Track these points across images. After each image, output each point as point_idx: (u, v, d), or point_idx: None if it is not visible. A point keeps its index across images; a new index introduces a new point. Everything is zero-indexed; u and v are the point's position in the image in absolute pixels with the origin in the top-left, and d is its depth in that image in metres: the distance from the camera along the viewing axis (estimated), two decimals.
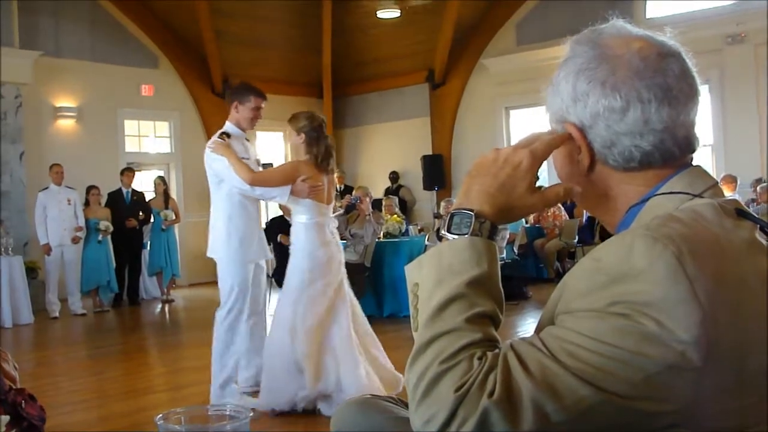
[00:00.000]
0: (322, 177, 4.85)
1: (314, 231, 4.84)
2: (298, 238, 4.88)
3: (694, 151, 1.21)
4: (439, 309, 1.08)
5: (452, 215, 1.15)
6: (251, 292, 4.99)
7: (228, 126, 5.06)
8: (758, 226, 1.13)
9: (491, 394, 0.98)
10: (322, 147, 4.85)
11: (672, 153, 1.17)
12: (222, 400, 4.77)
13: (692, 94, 1.18)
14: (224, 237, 4.91)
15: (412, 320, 1.13)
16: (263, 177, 4.87)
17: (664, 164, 1.18)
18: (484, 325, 1.07)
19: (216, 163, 4.88)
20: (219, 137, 4.95)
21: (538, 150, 1.17)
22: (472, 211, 1.13)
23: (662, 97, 1.14)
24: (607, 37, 1.20)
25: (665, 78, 1.15)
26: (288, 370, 4.73)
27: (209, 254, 5.11)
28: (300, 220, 4.88)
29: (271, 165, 5.39)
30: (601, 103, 1.16)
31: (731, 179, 10.34)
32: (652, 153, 1.16)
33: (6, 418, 1.96)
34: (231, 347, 4.89)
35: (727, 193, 9.03)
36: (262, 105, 5.05)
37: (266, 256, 5.34)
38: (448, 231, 1.13)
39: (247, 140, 5.25)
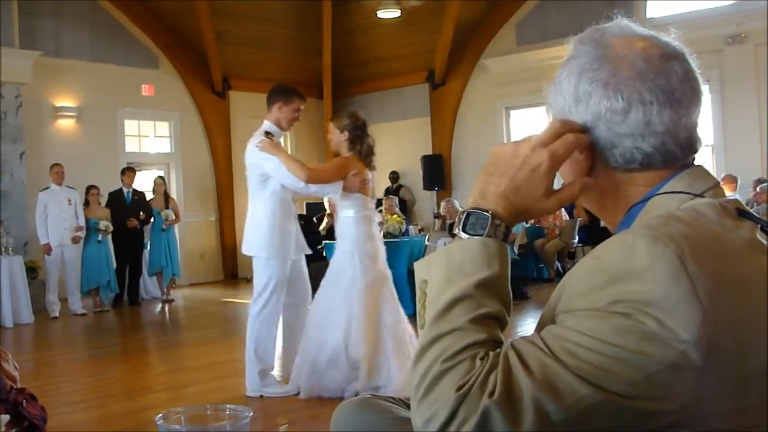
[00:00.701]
0: (367, 171, 4.99)
1: (363, 225, 4.98)
2: (348, 233, 4.98)
3: (696, 152, 1.21)
4: (446, 308, 1.08)
5: (468, 214, 1.14)
6: (292, 286, 5.14)
7: (268, 125, 5.12)
8: (759, 225, 1.13)
9: (492, 393, 0.98)
10: (365, 144, 5.00)
11: (674, 154, 1.17)
12: (263, 389, 5.02)
13: (695, 97, 1.17)
14: (267, 235, 5.00)
15: (418, 317, 1.13)
16: (319, 174, 4.95)
17: (666, 165, 1.18)
18: (489, 326, 1.08)
19: (266, 162, 4.93)
20: (265, 136, 5.00)
21: (558, 151, 1.14)
22: (488, 212, 1.13)
23: (664, 100, 1.14)
24: (611, 37, 1.19)
25: (668, 80, 1.14)
26: (338, 364, 4.85)
27: (246, 252, 5.19)
28: (348, 215, 4.99)
29: None
30: (603, 104, 1.16)
31: (732, 179, 10.33)
32: (653, 155, 1.16)
33: (6, 417, 1.96)
34: (269, 339, 5.05)
35: (728, 193, 9.04)
36: (302, 107, 5.17)
37: (306, 251, 5.40)
38: (463, 230, 1.13)
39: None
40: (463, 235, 1.13)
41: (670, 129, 1.15)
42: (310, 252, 5.66)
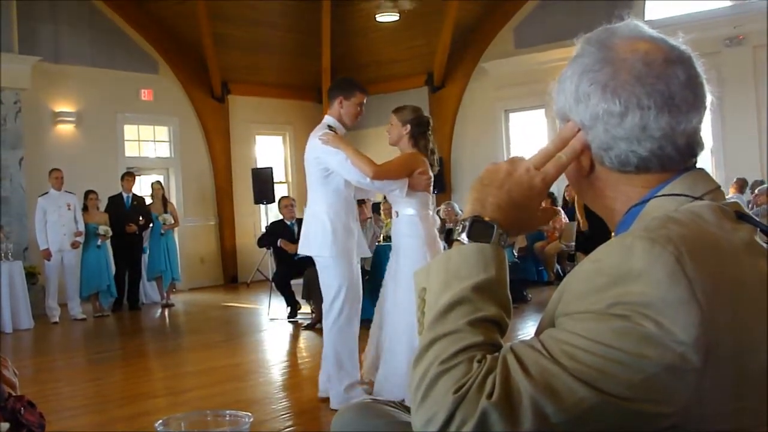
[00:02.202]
0: (430, 169, 4.77)
1: (428, 223, 4.75)
2: (416, 231, 4.69)
3: (696, 156, 1.21)
4: (443, 312, 1.09)
5: (473, 222, 1.16)
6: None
7: (331, 120, 4.86)
8: (758, 228, 1.13)
9: (490, 395, 0.98)
10: (428, 141, 4.80)
11: (671, 159, 1.17)
12: (350, 398, 4.60)
13: (696, 103, 1.18)
14: (330, 234, 4.71)
15: (418, 324, 1.14)
16: (386, 169, 4.69)
17: (663, 169, 1.18)
18: (487, 330, 1.08)
19: (330, 157, 4.65)
20: (328, 130, 4.75)
21: (549, 175, 1.19)
22: (495, 222, 1.15)
23: (662, 105, 1.14)
24: (617, 39, 1.20)
25: (668, 85, 1.15)
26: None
27: (308, 252, 4.90)
28: (409, 213, 4.73)
29: (270, 168, 5.27)
30: (601, 106, 1.16)
31: (742, 182, 10.39)
32: (650, 159, 1.17)
33: (6, 425, 1.96)
34: (350, 349, 4.75)
35: (732, 196, 9.00)
36: (365, 101, 4.92)
37: (366, 254, 5.21)
38: (469, 237, 1.15)
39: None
40: (466, 240, 1.14)
41: (667, 134, 1.15)
42: (370, 255, 5.37)
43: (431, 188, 4.79)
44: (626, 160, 1.18)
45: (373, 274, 8.67)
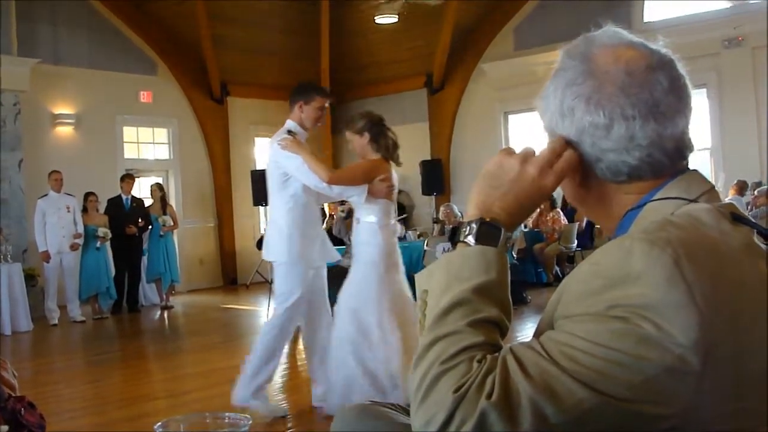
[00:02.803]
0: (394, 175, 4.75)
1: (387, 233, 4.69)
2: (373, 240, 4.64)
3: (686, 158, 1.21)
4: (444, 313, 1.09)
5: (481, 224, 1.16)
6: (311, 296, 4.82)
7: (291, 125, 4.85)
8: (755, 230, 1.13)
9: (489, 395, 0.99)
10: (389, 139, 4.76)
11: (661, 165, 1.18)
12: (252, 402, 4.64)
13: (681, 106, 1.18)
14: (286, 240, 4.69)
15: (419, 326, 1.15)
16: (344, 175, 4.73)
17: (655, 175, 1.19)
18: (487, 330, 1.09)
19: (288, 161, 4.64)
20: (287, 134, 4.74)
21: (562, 173, 1.19)
22: (502, 227, 1.16)
23: (647, 113, 1.14)
24: (597, 50, 1.20)
25: (651, 93, 1.15)
26: (378, 380, 4.52)
27: (267, 257, 4.93)
28: (370, 221, 4.67)
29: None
30: (586, 119, 1.17)
31: (742, 184, 10.40)
32: (640, 167, 1.17)
33: (5, 428, 1.96)
34: (278, 352, 4.77)
35: (731, 198, 8.95)
36: (327, 104, 4.92)
37: (332, 258, 5.14)
38: (476, 240, 1.15)
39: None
40: (472, 243, 1.15)
41: (654, 141, 1.16)
42: (338, 258, 5.35)
43: (394, 197, 4.77)
44: (617, 170, 1.18)
45: None
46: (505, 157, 1.21)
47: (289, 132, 4.78)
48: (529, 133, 13.57)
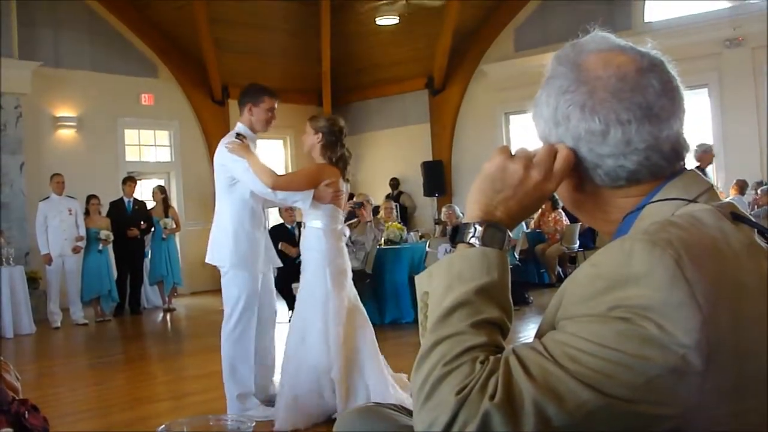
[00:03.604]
0: (342, 182, 4.69)
1: (333, 238, 4.65)
2: (318, 245, 4.62)
3: (683, 159, 1.21)
4: (446, 314, 1.09)
5: (487, 226, 1.17)
6: (260, 300, 4.78)
7: (241, 128, 4.86)
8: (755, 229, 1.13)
9: (492, 397, 0.99)
10: (339, 152, 4.69)
11: (659, 167, 1.18)
12: (244, 413, 4.53)
13: (674, 108, 1.18)
14: (232, 244, 4.68)
15: (420, 328, 1.15)
16: (287, 180, 4.69)
17: (653, 177, 1.19)
18: (489, 332, 1.09)
19: (234, 165, 4.60)
20: (236, 138, 4.73)
21: (563, 174, 1.20)
22: (505, 229, 1.17)
23: (642, 117, 1.15)
24: (587, 56, 1.20)
25: (644, 96, 1.15)
26: (317, 388, 4.53)
27: (211, 261, 4.90)
28: (315, 226, 4.64)
29: None
30: (582, 126, 1.17)
31: (743, 184, 10.39)
32: (639, 170, 1.17)
33: (9, 430, 1.96)
34: (245, 360, 4.69)
35: (735, 197, 8.91)
36: (276, 105, 4.90)
37: (275, 264, 5.13)
38: (482, 243, 1.15)
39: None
40: (477, 244, 1.15)
41: (651, 144, 1.16)
42: (280, 265, 5.30)
43: (343, 203, 4.73)
44: (616, 175, 1.18)
45: (375, 278, 8.68)
46: (506, 160, 1.20)
47: (238, 135, 4.77)
48: (529, 133, 13.57)
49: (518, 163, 1.20)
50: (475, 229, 1.17)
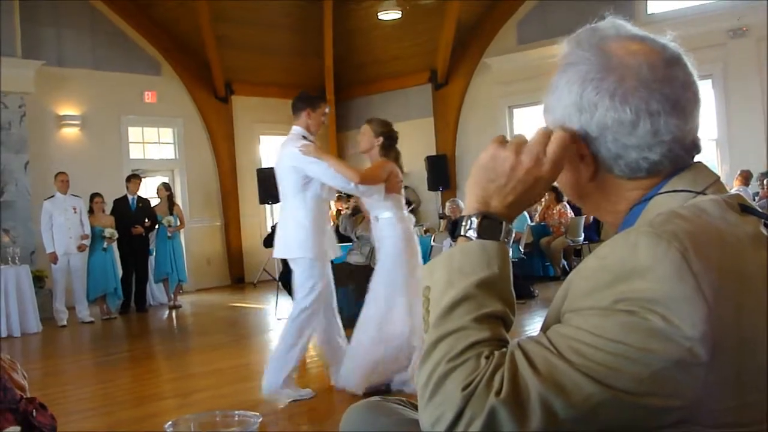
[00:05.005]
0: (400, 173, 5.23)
1: (404, 223, 5.16)
2: (393, 232, 5.11)
3: (700, 151, 1.20)
4: (448, 309, 1.09)
5: (483, 218, 1.15)
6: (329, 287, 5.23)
7: (300, 131, 5.21)
8: (762, 220, 1.13)
9: (498, 392, 0.98)
10: (395, 152, 5.23)
11: (681, 158, 1.17)
12: (283, 391, 5.03)
13: (696, 101, 1.17)
14: (310, 236, 5.05)
15: (423, 323, 1.14)
16: (369, 175, 5.08)
17: (674, 169, 1.17)
18: (493, 325, 1.08)
19: (313, 166, 4.99)
20: (304, 141, 5.11)
21: (557, 158, 1.15)
22: (503, 220, 1.15)
23: (670, 109, 1.13)
24: (610, 42, 1.17)
25: (672, 88, 1.14)
26: (395, 354, 5.03)
27: (288, 255, 5.26)
28: (386, 216, 5.15)
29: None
30: (610, 115, 1.14)
31: (747, 174, 10.36)
32: (661, 162, 1.16)
33: (17, 428, 1.96)
34: (300, 344, 5.07)
35: (738, 188, 8.90)
36: (327, 110, 5.36)
37: (337, 254, 5.52)
38: (479, 235, 1.14)
39: None
40: (474, 237, 1.14)
41: (676, 136, 1.14)
42: (340, 254, 5.76)
43: (402, 190, 5.26)
44: (637, 167, 1.16)
45: None
46: (498, 148, 1.17)
47: (304, 138, 5.15)
48: (533, 126, 13.55)
49: (509, 149, 1.16)
50: (472, 221, 1.15)
